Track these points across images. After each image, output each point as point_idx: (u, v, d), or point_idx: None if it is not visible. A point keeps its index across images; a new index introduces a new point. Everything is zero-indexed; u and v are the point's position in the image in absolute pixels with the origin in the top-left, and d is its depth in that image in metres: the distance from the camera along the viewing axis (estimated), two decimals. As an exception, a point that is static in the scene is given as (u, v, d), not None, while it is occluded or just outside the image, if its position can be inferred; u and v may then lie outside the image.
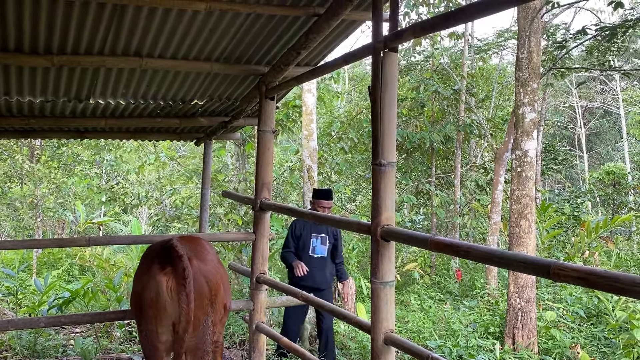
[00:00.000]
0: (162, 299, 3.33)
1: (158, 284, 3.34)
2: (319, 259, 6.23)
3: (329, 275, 6.34)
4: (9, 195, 13.72)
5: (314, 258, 6.20)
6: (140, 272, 3.65)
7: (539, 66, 7.40)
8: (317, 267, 6.19)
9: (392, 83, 3.18)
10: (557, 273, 2.18)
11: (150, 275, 3.41)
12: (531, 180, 7.27)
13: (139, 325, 3.61)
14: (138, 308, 3.52)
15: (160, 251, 3.52)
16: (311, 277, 6.11)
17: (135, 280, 3.69)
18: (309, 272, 6.06)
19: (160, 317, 3.37)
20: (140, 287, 3.51)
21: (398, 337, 3.17)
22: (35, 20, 3.68)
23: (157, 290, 3.35)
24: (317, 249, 6.24)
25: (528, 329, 7.16)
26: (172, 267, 3.34)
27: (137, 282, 3.63)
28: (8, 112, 5.30)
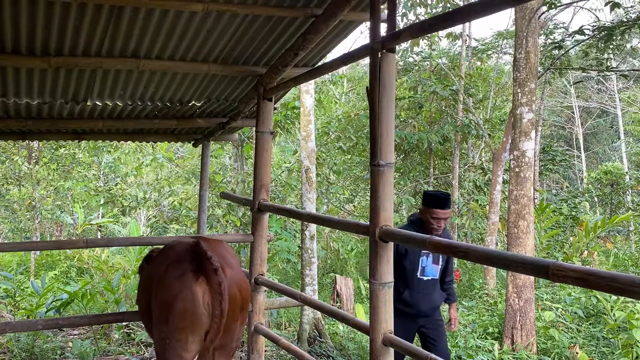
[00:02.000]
0: (199, 311, 3.23)
1: (194, 296, 3.22)
2: (429, 282, 4.77)
3: (439, 298, 4.91)
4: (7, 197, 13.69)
5: (422, 281, 4.74)
6: (167, 278, 3.37)
7: (537, 66, 7.41)
8: (426, 291, 4.77)
9: (390, 84, 3.18)
10: (556, 274, 2.18)
11: (183, 285, 3.26)
12: (529, 181, 7.28)
13: (160, 332, 3.39)
14: (164, 316, 3.32)
15: (190, 257, 3.38)
16: (418, 303, 4.73)
17: (162, 286, 3.39)
18: (415, 299, 4.72)
19: (194, 328, 3.26)
20: (170, 295, 3.29)
21: (397, 338, 3.17)
22: (32, 21, 3.67)
23: (192, 302, 3.22)
24: (428, 269, 4.76)
25: (527, 329, 7.16)
26: (206, 278, 3.25)
27: (165, 289, 3.35)
28: (5, 114, 5.28)
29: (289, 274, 11.77)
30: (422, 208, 4.65)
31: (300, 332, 7.93)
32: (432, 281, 4.79)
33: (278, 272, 11.66)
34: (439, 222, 4.53)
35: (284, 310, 8.92)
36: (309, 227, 8.52)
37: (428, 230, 4.51)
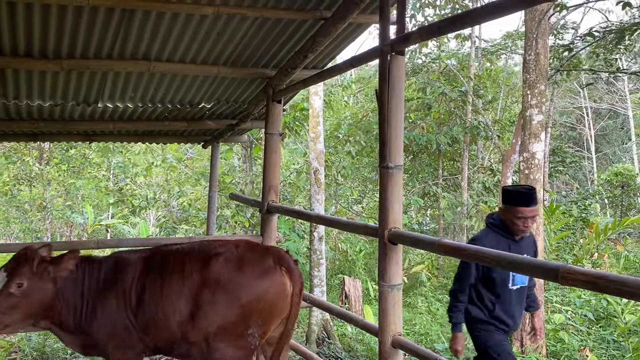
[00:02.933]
0: (288, 300, 3.62)
1: (284, 287, 3.61)
2: (518, 291, 4.06)
3: (524, 306, 4.27)
4: (18, 197, 13.82)
5: (513, 291, 4.02)
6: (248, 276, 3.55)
7: (547, 68, 7.38)
8: (515, 301, 4.07)
9: (399, 86, 3.19)
10: (566, 277, 2.18)
11: (273, 279, 3.60)
12: (539, 182, 7.25)
13: (244, 327, 3.51)
14: (252, 310, 3.50)
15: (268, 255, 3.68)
16: (513, 316, 4.06)
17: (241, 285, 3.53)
18: (510, 312, 4.04)
19: (282, 316, 3.67)
20: (262, 290, 3.55)
21: (406, 340, 3.17)
22: (45, 25, 3.72)
23: (284, 292, 3.61)
24: (518, 276, 3.99)
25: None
26: (289, 271, 3.65)
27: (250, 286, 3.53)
28: (17, 116, 5.34)
29: (298, 275, 11.77)
30: (503, 207, 3.91)
31: (308, 334, 7.95)
32: (521, 289, 4.07)
33: (286, 273, 11.67)
34: (525, 222, 3.81)
35: (293, 311, 8.93)
36: (318, 229, 8.54)
37: (514, 232, 3.86)
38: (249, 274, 3.55)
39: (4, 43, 3.91)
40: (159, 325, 3.55)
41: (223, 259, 3.58)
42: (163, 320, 3.54)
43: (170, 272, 3.58)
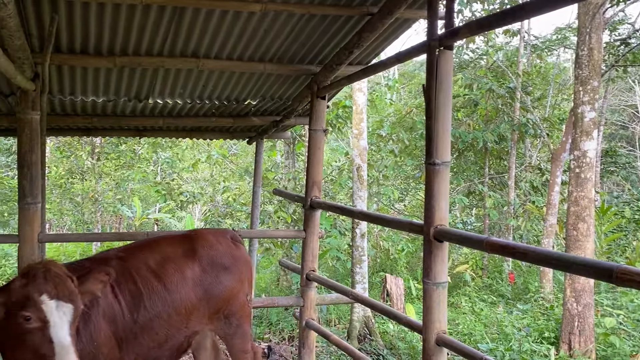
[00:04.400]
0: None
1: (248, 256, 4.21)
2: None
3: None
4: (72, 190, 14.37)
5: None
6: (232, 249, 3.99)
7: (600, 64, 7.12)
8: None
9: (447, 82, 3.15)
10: (621, 277, 2.11)
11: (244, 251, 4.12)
12: (590, 182, 7.02)
13: (245, 295, 4.03)
14: (247, 278, 4.05)
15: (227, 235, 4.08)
16: None
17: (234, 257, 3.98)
18: None
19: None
20: (243, 260, 4.04)
21: (450, 339, 3.14)
22: (100, 23, 3.85)
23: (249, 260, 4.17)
24: None
25: (585, 335, 6.91)
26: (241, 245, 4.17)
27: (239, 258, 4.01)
28: (73, 111, 5.55)
29: (338, 271, 11.81)
30: None
31: (350, 329, 7.96)
32: None
33: (327, 269, 11.72)
34: None
35: (334, 307, 8.96)
36: (360, 225, 8.53)
37: None
38: (230, 250, 3.94)
39: (62, 41, 4.07)
40: (170, 322, 3.52)
41: (202, 244, 3.83)
42: (174, 315, 3.53)
43: (160, 268, 3.55)
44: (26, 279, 2.65)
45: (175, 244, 3.79)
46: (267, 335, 8.09)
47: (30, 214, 4.30)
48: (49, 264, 2.74)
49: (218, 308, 3.80)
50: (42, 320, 2.56)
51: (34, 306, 2.57)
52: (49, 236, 5.07)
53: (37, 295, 2.58)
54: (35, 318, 2.55)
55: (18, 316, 2.56)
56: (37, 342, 2.55)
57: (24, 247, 4.29)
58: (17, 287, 2.63)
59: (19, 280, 2.66)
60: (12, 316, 2.59)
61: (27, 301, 2.57)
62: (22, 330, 2.56)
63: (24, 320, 2.55)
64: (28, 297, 2.58)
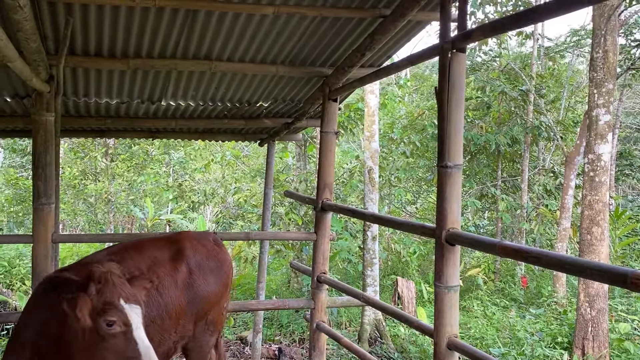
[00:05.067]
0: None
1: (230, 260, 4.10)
2: None
3: None
4: (85, 191, 14.49)
5: None
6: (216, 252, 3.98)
7: (615, 66, 7.05)
8: None
9: (459, 84, 3.13)
10: (635, 282, 2.08)
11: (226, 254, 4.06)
12: (605, 185, 6.94)
13: (225, 300, 4.00)
14: (230, 281, 3.99)
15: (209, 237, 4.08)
16: None
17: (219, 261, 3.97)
18: None
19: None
20: (227, 263, 3.99)
21: (462, 343, 3.12)
22: (114, 25, 3.89)
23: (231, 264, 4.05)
24: None
25: (599, 340, 6.83)
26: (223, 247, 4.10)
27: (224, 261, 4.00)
28: (87, 113, 5.61)
29: (349, 273, 11.79)
30: None
31: (361, 332, 7.94)
32: None
33: (338, 271, 11.70)
34: None
35: (344, 309, 8.95)
36: (371, 228, 8.51)
37: None
38: (215, 253, 3.91)
39: (76, 43, 4.11)
40: (164, 327, 3.50)
41: (188, 246, 3.78)
42: (167, 319, 3.51)
43: (152, 272, 3.45)
44: (97, 284, 2.59)
45: (162, 247, 3.71)
46: (278, 337, 8.09)
47: (44, 215, 4.34)
48: (111, 268, 2.72)
49: (204, 312, 3.75)
50: (126, 324, 2.56)
51: (117, 310, 2.56)
52: (62, 236, 5.13)
53: (117, 299, 2.58)
54: (119, 322, 2.54)
55: (100, 322, 2.54)
56: (122, 346, 2.55)
57: (38, 247, 4.34)
58: (93, 293, 2.57)
59: (89, 287, 2.58)
60: (94, 323, 2.55)
61: (109, 306, 2.55)
62: (106, 336, 2.54)
63: (106, 325, 2.53)
64: (109, 302, 2.56)
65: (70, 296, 2.57)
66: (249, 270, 11.36)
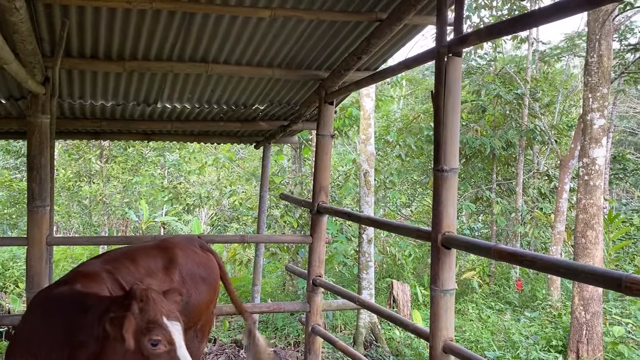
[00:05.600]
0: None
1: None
2: None
3: None
4: (80, 193, 14.44)
5: None
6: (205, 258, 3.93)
7: (610, 71, 7.09)
8: None
9: (455, 88, 3.14)
10: (630, 287, 2.09)
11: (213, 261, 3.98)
12: (599, 189, 6.98)
13: (214, 307, 3.96)
14: (217, 288, 3.93)
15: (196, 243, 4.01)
16: None
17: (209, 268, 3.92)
18: None
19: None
20: (215, 270, 3.93)
21: (458, 346, 3.12)
22: (110, 27, 3.88)
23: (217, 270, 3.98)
24: None
25: (593, 343, 6.86)
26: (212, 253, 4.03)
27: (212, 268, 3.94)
28: (82, 115, 5.59)
29: (345, 276, 11.79)
30: None
31: (356, 336, 7.94)
32: None
33: (334, 274, 11.70)
34: None
35: (340, 313, 8.94)
36: (367, 231, 8.51)
37: None
38: (204, 260, 3.84)
39: (72, 45, 4.10)
40: None
41: (179, 254, 3.70)
42: None
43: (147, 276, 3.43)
44: (139, 302, 2.50)
45: (155, 256, 3.62)
46: (273, 340, 8.08)
47: (38, 217, 4.32)
48: (149, 285, 2.66)
49: (195, 321, 3.69)
50: (170, 342, 2.48)
51: (161, 329, 2.47)
52: (57, 239, 5.09)
53: (160, 317, 2.49)
54: (163, 341, 2.46)
55: (144, 342, 2.45)
56: None
57: (32, 250, 4.32)
58: (136, 312, 2.47)
59: (132, 306, 2.49)
60: (137, 343, 2.45)
61: (153, 325, 2.47)
62: (150, 357, 2.46)
63: (151, 345, 2.45)
64: (153, 320, 2.48)
65: (113, 315, 2.48)
66: (244, 273, 11.33)
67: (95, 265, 3.33)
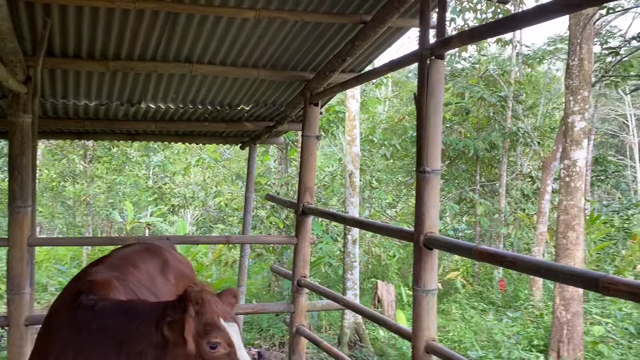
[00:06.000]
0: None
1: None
2: None
3: None
4: (63, 193, 14.29)
5: None
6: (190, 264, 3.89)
7: (590, 74, 7.20)
8: None
9: (438, 91, 3.17)
10: (607, 287, 2.13)
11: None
12: (580, 191, 7.08)
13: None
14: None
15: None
16: None
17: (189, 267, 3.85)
18: None
19: None
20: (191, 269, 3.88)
21: (440, 346, 3.15)
22: (93, 27, 3.85)
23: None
24: None
25: (574, 343, 6.95)
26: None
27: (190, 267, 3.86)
28: (65, 115, 5.54)
29: (330, 277, 11.81)
30: None
31: (340, 336, 7.96)
32: None
33: (319, 275, 11.72)
34: None
35: (325, 313, 8.96)
36: (352, 231, 8.55)
37: None
38: (185, 261, 3.81)
39: (55, 45, 4.07)
40: None
41: (168, 256, 3.63)
42: None
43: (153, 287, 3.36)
44: (195, 305, 2.39)
45: (149, 259, 3.52)
46: (258, 341, 8.07)
47: (20, 218, 4.27)
48: (204, 286, 2.52)
49: None
50: (229, 344, 2.39)
51: (219, 330, 2.39)
52: (38, 240, 5.04)
53: (217, 318, 2.40)
54: (223, 343, 2.37)
55: (203, 345, 2.36)
56: None
57: (13, 251, 4.27)
58: (193, 315, 2.38)
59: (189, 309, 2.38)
60: (196, 346, 2.36)
61: (211, 327, 2.38)
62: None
63: (210, 348, 2.36)
64: (211, 322, 2.39)
65: (170, 319, 2.40)
66: (229, 274, 11.30)
67: (104, 273, 3.16)
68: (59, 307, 2.84)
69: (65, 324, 2.66)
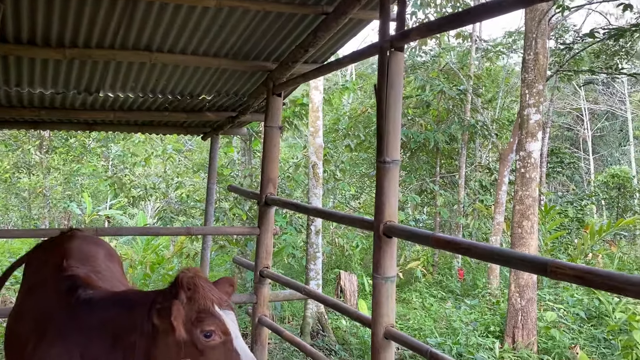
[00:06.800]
0: None
1: None
2: None
3: None
4: (18, 185, 13.85)
5: None
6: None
7: (546, 68, 7.43)
8: None
9: (397, 82, 3.24)
10: (554, 271, 2.24)
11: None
12: (534, 181, 7.31)
13: None
14: None
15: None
16: None
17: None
18: None
19: None
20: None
21: (398, 332, 3.23)
22: (48, 13, 3.75)
23: None
24: None
25: (528, 328, 7.21)
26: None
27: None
28: (19, 103, 5.37)
29: (294, 268, 11.86)
30: None
31: (303, 326, 8.02)
32: None
33: (283, 266, 11.75)
34: None
35: (288, 304, 9.01)
36: (315, 222, 8.60)
37: None
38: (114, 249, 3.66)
39: (8, 30, 3.94)
40: None
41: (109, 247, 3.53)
42: None
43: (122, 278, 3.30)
44: (187, 291, 2.27)
45: (102, 252, 3.35)
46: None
47: (-28, 209, 4.14)
48: (197, 271, 2.37)
49: None
50: (225, 332, 2.26)
51: (214, 318, 2.25)
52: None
53: (211, 305, 2.27)
54: (217, 332, 2.25)
55: (197, 333, 2.23)
56: (223, 358, 2.25)
57: (-36, 243, 4.14)
58: (184, 301, 2.25)
59: (180, 294, 2.26)
60: (190, 335, 2.23)
61: (204, 314, 2.25)
62: (205, 350, 2.24)
63: (204, 337, 2.23)
64: (205, 310, 2.25)
65: (159, 306, 2.28)
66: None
67: (79, 269, 2.96)
68: (52, 304, 2.69)
69: (62, 320, 2.55)
